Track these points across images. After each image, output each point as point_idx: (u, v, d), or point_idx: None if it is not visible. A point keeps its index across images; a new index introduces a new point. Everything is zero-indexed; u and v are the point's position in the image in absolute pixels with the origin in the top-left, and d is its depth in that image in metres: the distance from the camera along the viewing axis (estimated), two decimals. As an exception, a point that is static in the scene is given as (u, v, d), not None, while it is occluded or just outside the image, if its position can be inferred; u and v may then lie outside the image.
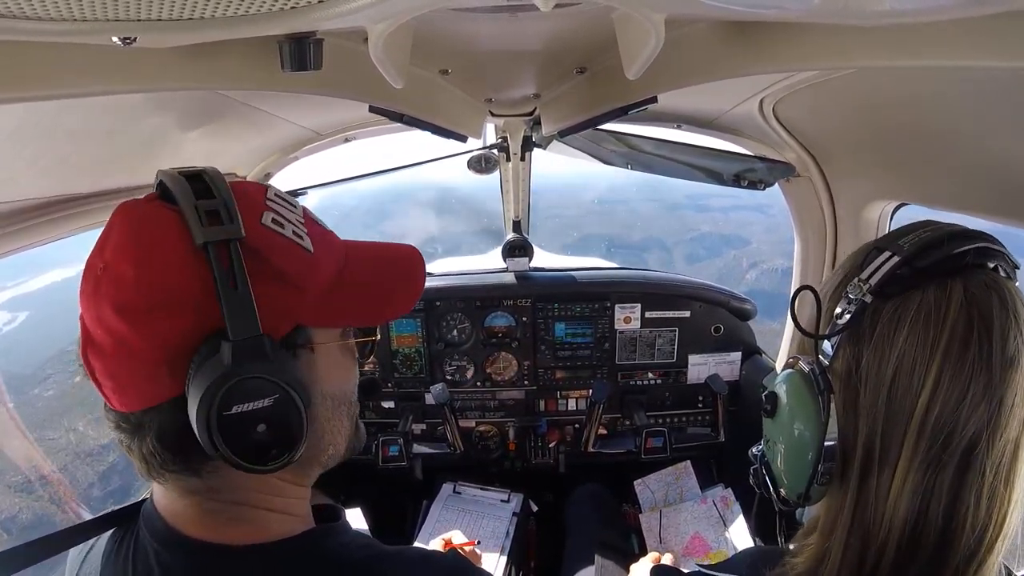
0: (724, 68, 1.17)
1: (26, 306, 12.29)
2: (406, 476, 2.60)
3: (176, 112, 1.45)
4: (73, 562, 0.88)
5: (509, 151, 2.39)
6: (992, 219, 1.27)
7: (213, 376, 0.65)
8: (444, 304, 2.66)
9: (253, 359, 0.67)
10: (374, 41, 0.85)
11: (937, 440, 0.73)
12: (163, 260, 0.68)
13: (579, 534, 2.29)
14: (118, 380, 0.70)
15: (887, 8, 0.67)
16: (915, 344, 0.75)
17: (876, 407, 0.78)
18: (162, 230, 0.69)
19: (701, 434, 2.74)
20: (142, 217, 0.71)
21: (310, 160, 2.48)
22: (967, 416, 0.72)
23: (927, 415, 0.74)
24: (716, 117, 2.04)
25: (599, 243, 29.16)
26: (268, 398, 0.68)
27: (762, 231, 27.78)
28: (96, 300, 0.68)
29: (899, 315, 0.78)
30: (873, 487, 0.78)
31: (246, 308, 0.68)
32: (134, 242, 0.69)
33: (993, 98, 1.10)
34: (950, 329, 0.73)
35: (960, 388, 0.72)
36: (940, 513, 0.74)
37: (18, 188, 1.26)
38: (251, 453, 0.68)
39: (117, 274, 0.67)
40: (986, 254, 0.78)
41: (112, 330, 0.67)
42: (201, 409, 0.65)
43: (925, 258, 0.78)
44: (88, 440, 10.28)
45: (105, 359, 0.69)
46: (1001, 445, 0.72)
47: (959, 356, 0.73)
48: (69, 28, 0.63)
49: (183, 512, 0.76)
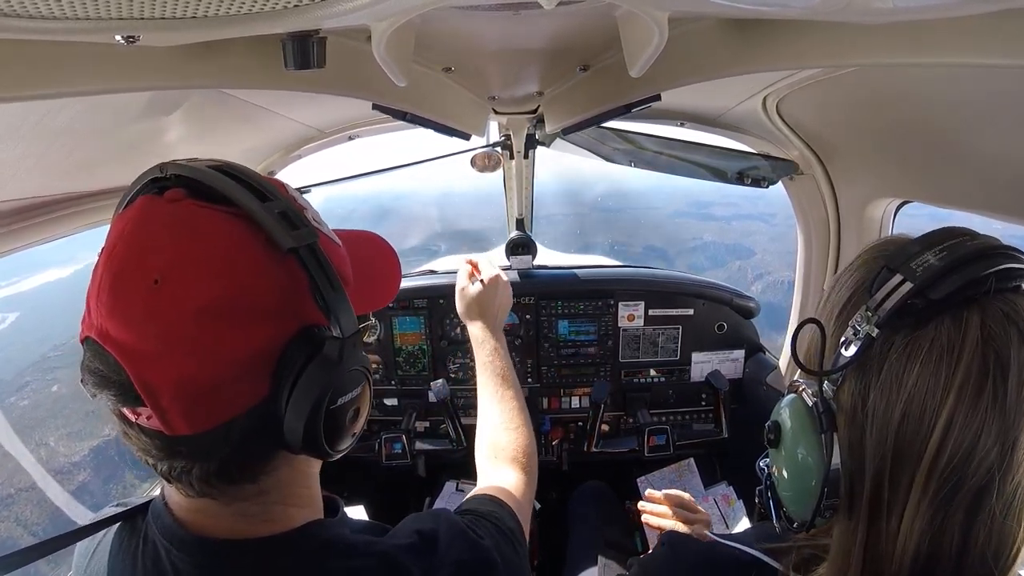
0: (727, 66, 1.16)
1: (17, 307, 12.13)
2: (409, 473, 2.60)
3: (179, 110, 1.45)
4: (80, 559, 0.88)
5: (512, 149, 2.39)
6: (996, 216, 1.27)
7: (328, 373, 0.70)
8: (447, 302, 2.66)
9: (352, 352, 0.73)
10: (377, 39, 0.85)
11: (947, 484, 0.70)
12: (246, 265, 0.68)
13: (582, 532, 2.29)
14: (194, 397, 0.65)
15: (891, 6, 0.66)
16: (926, 386, 0.71)
17: (884, 448, 0.74)
18: (231, 233, 0.68)
19: (704, 431, 2.73)
20: (199, 219, 0.68)
21: (313, 158, 2.49)
22: (979, 461, 0.68)
23: (937, 459, 0.70)
24: (719, 115, 2.04)
25: (598, 252, 28.58)
26: (359, 386, 0.77)
27: (767, 241, 27.32)
28: (158, 314, 0.64)
29: (909, 352, 0.72)
30: (883, 527, 0.75)
31: (346, 307, 0.72)
32: (207, 248, 0.67)
33: (997, 95, 1.10)
34: (964, 371, 0.69)
35: (973, 432, 0.68)
36: (952, 552, 0.71)
37: (18, 186, 1.26)
38: (341, 441, 0.76)
39: (191, 281, 0.65)
40: (1008, 276, 0.71)
41: (194, 340, 0.64)
42: (312, 406, 0.69)
43: (939, 288, 0.71)
44: (58, 457, 10.03)
45: (180, 373, 0.64)
46: (1013, 486, 0.69)
47: (972, 400, 0.68)
48: (72, 27, 0.64)
49: (208, 516, 0.76)
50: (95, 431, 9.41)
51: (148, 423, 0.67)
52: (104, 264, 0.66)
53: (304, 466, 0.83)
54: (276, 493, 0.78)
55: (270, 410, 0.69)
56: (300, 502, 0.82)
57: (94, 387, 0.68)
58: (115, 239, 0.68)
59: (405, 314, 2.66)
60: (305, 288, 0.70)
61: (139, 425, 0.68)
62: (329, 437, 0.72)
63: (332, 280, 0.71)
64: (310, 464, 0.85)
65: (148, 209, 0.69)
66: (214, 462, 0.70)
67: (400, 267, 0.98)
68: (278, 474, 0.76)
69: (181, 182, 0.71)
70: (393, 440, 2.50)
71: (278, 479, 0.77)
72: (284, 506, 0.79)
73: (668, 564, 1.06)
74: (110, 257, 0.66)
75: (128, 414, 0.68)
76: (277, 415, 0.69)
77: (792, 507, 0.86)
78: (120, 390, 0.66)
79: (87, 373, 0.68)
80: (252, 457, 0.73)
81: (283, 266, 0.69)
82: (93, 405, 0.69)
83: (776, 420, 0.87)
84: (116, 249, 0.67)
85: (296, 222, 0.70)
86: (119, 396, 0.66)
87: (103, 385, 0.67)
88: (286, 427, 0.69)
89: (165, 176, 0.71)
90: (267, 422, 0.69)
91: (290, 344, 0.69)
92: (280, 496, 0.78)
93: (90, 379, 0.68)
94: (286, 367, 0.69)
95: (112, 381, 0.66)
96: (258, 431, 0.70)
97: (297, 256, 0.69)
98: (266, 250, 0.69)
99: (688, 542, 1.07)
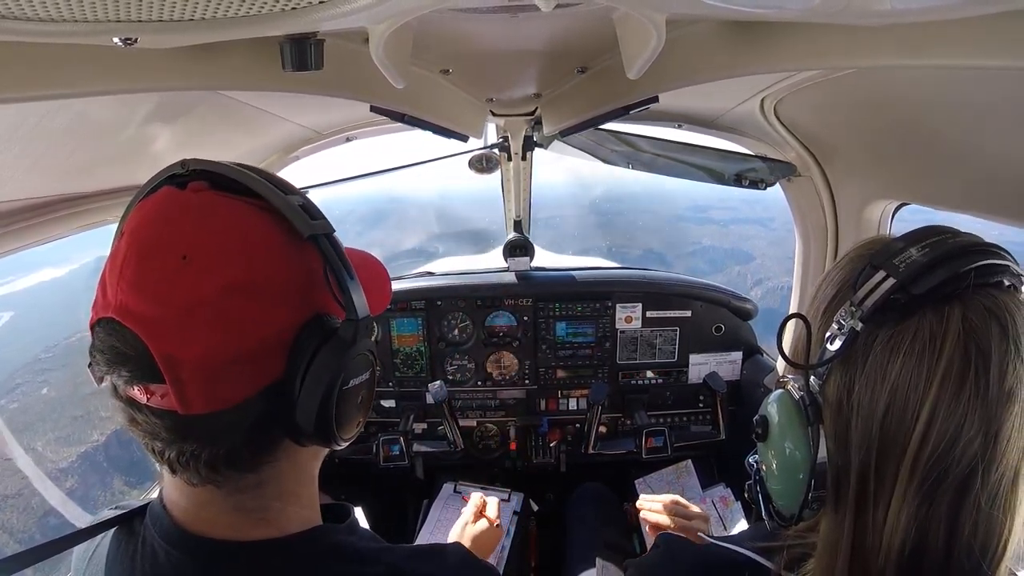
0: (725, 68, 1.16)
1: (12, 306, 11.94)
2: (407, 475, 2.60)
3: (177, 112, 1.45)
4: (78, 562, 0.88)
5: (510, 151, 2.39)
6: (993, 219, 1.27)
7: (342, 353, 0.72)
8: (445, 303, 2.66)
9: (364, 337, 0.75)
10: (375, 41, 0.85)
11: (932, 474, 0.71)
12: (268, 250, 0.71)
13: (580, 533, 2.29)
14: (213, 371, 0.66)
15: (888, 8, 0.67)
16: (909, 377, 0.72)
17: (869, 439, 0.76)
18: (253, 221, 0.71)
19: (702, 433, 2.73)
20: (221, 207, 0.71)
21: (311, 160, 2.48)
22: (962, 451, 0.70)
23: (921, 449, 0.71)
24: (717, 116, 2.04)
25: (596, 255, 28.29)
26: (368, 370, 0.79)
27: (765, 245, 27.04)
28: (186, 287, 0.65)
29: (892, 345, 0.74)
30: (870, 519, 0.77)
31: (359, 292, 0.75)
32: (232, 232, 0.70)
33: (995, 97, 1.10)
34: (946, 362, 0.70)
35: (955, 423, 0.70)
36: (939, 543, 0.72)
37: (16, 187, 1.26)
38: (349, 426, 0.78)
39: (218, 259, 0.67)
40: (988, 272, 0.73)
41: (221, 313, 0.66)
42: (327, 386, 0.71)
43: (921, 283, 0.72)
44: (46, 463, 9.82)
45: (205, 344, 0.65)
46: (997, 476, 0.70)
47: (955, 391, 0.70)
48: (71, 29, 0.64)
49: (208, 513, 0.76)
50: (84, 436, 9.28)
51: (161, 402, 0.66)
52: (128, 242, 0.68)
53: (304, 462, 0.83)
54: (274, 486, 0.78)
55: (284, 390, 0.70)
56: (299, 502, 0.82)
57: (106, 365, 0.68)
58: (138, 222, 0.70)
59: (403, 316, 2.66)
60: (319, 279, 0.73)
61: (149, 407, 0.67)
62: (339, 420, 0.74)
63: (348, 266, 0.74)
64: (310, 461, 0.85)
65: (171, 197, 0.72)
66: (223, 445, 0.70)
67: (389, 282, 0.99)
68: (279, 466, 0.77)
69: (203, 176, 0.73)
70: (391, 442, 2.50)
71: (278, 471, 0.77)
72: (283, 503, 0.79)
73: (664, 566, 1.07)
74: (135, 236, 0.68)
75: (139, 395, 0.67)
76: (290, 397, 0.71)
77: (780, 500, 0.87)
78: (137, 365, 0.66)
79: (98, 353, 0.68)
80: (260, 443, 0.73)
81: (301, 254, 0.73)
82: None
83: (764, 414, 0.88)
84: (141, 229, 0.69)
85: (315, 214, 0.74)
86: (135, 372, 0.66)
87: (118, 362, 0.67)
88: (299, 408, 0.71)
89: (185, 172, 0.74)
90: (279, 405, 0.71)
91: (304, 328, 0.72)
92: (278, 491, 0.78)
93: (102, 358, 0.68)
94: (301, 349, 0.71)
95: (128, 357, 0.66)
96: (270, 415, 0.71)
97: (316, 243, 0.72)
98: (287, 237, 0.72)
99: (683, 544, 1.09)
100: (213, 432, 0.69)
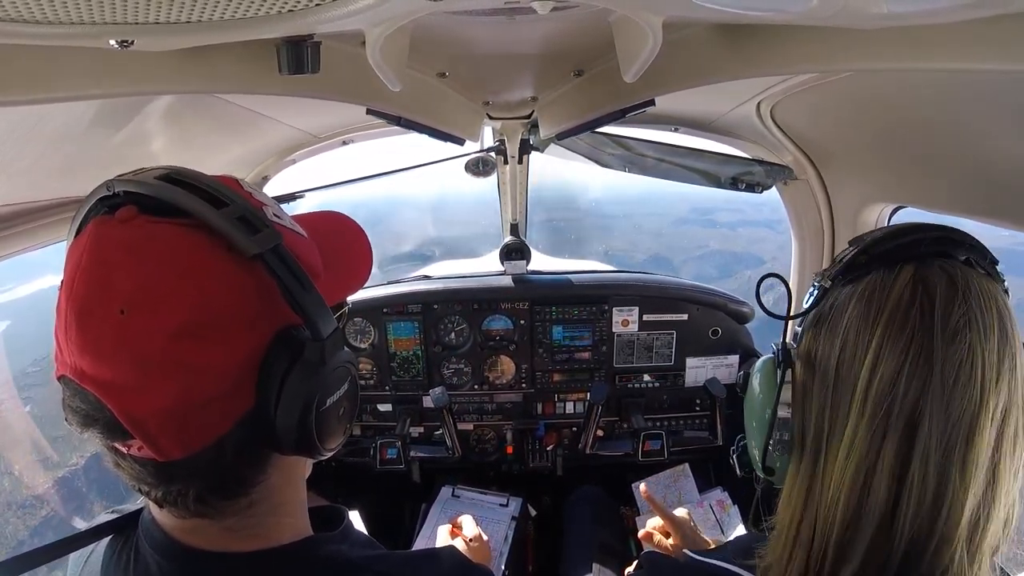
0: (722, 71, 1.17)
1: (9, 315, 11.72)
2: (404, 479, 2.59)
3: (172, 115, 1.45)
4: (73, 568, 0.87)
5: (507, 154, 2.39)
6: (989, 221, 1.27)
7: (312, 377, 0.69)
8: (442, 307, 2.65)
9: (334, 352, 0.71)
10: (371, 44, 0.85)
11: (879, 409, 0.75)
12: (212, 279, 0.65)
13: (577, 536, 2.28)
14: (182, 420, 0.63)
15: (884, 11, 0.67)
16: (858, 318, 0.79)
17: (826, 384, 0.81)
18: (190, 246, 0.65)
19: (699, 437, 2.73)
20: (156, 238, 0.65)
21: (307, 163, 2.48)
22: (907, 385, 0.73)
23: (869, 386, 0.76)
24: (714, 120, 2.05)
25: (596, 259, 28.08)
26: (346, 382, 0.75)
27: (775, 249, 26.64)
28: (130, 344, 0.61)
29: (848, 295, 0.82)
30: (822, 464, 0.80)
31: (320, 306, 0.70)
32: (168, 268, 0.64)
33: (990, 101, 1.10)
34: (893, 302, 0.76)
35: (898, 356, 0.74)
36: (884, 487, 0.74)
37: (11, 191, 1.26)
38: (333, 439, 0.75)
39: (159, 305, 0.62)
40: (945, 243, 0.79)
41: (172, 364, 0.62)
42: (303, 410, 0.68)
43: (880, 246, 0.82)
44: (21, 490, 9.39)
45: (164, 399, 0.62)
46: (948, 422, 0.72)
47: (900, 326, 0.75)
48: (66, 32, 0.63)
49: (195, 529, 0.75)
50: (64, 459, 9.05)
51: (140, 453, 0.65)
52: (66, 300, 0.63)
53: (295, 469, 0.82)
54: (267, 503, 0.76)
55: (259, 415, 0.68)
56: (290, 510, 0.81)
57: (80, 426, 0.66)
58: (73, 271, 0.64)
59: (400, 320, 2.65)
60: (277, 292, 0.67)
61: (131, 456, 0.66)
62: (322, 436, 0.72)
63: (303, 281, 0.68)
64: (300, 466, 0.84)
65: (101, 234, 0.65)
66: (211, 480, 0.69)
67: (369, 243, 0.94)
68: (269, 482, 0.75)
69: (131, 198, 0.66)
70: (388, 445, 2.49)
71: (269, 487, 0.75)
72: (276, 517, 0.78)
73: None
74: (71, 293, 0.63)
75: (119, 447, 0.66)
76: (268, 420, 0.68)
77: (752, 445, 0.95)
78: (106, 426, 0.64)
79: (70, 412, 0.66)
80: (247, 466, 0.72)
81: (251, 271, 0.67)
82: (64, 430, 0.67)
83: (746, 372, 0.98)
84: (76, 283, 0.63)
85: (257, 224, 0.67)
86: (105, 432, 0.64)
87: (88, 424, 0.65)
88: (279, 430, 0.69)
89: (113, 194, 0.67)
90: (257, 428, 0.68)
91: (270, 348, 0.68)
92: (271, 506, 0.77)
93: (74, 418, 0.66)
94: (270, 373, 0.67)
95: (96, 419, 0.64)
96: (250, 439, 0.69)
97: (263, 261, 0.66)
98: (230, 257, 0.66)
99: (665, 561, 1.12)
100: (197, 471, 0.67)
